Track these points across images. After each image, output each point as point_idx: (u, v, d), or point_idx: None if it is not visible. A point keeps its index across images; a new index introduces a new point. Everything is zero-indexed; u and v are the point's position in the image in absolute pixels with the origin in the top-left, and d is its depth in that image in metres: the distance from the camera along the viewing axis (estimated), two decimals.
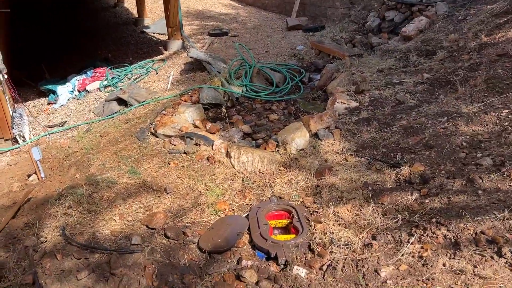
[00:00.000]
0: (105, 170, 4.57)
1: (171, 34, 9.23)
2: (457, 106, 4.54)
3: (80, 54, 9.65)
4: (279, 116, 5.88)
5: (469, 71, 5.12)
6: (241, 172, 4.53)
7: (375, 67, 6.33)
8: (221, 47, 9.24)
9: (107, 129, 5.87)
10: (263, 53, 8.52)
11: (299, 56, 8.03)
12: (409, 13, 8.07)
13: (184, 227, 3.70)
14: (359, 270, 2.78)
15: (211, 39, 9.63)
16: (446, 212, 2.99)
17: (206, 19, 11.93)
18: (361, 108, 5.16)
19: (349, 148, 4.50)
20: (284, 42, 9.18)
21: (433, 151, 3.91)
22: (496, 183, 3.14)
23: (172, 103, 6.30)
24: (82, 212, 3.92)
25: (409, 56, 6.41)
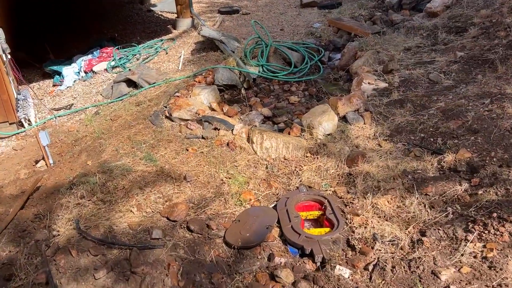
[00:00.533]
0: (118, 157, 4.26)
1: (180, 12, 8.79)
2: (499, 87, 4.18)
3: (86, 34, 9.23)
4: (299, 98, 5.52)
5: (509, 49, 4.74)
6: (264, 159, 4.20)
7: (401, 45, 5.94)
8: (233, 25, 8.81)
9: (118, 112, 5.54)
10: (277, 32, 8.09)
11: (317, 35, 7.61)
12: None
13: (208, 219, 3.40)
14: (413, 272, 2.47)
15: (222, 17, 9.19)
16: (507, 205, 2.67)
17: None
18: (391, 89, 4.80)
19: (382, 132, 4.16)
20: (299, 20, 8.74)
21: (479, 136, 3.57)
22: None
23: (185, 84, 5.95)
24: (96, 203, 3.62)
25: (437, 34, 6.00)
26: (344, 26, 7.32)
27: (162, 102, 5.42)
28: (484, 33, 5.41)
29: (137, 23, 10.04)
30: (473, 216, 2.75)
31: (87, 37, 9.02)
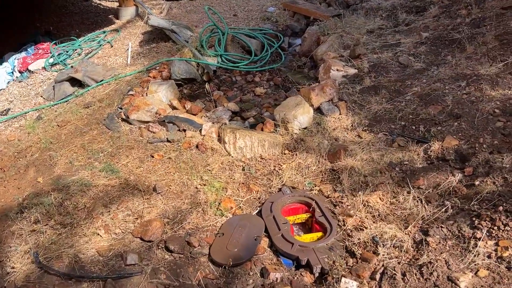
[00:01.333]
0: (74, 170, 3.76)
1: (122, 0, 8.10)
2: (472, 68, 4.10)
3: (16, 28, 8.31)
4: (265, 89, 5.21)
5: (473, 27, 4.69)
6: (239, 160, 3.88)
7: (363, 27, 5.77)
8: (182, 13, 8.28)
9: (65, 116, 4.95)
10: (231, 17, 7.68)
11: (273, 19, 7.30)
12: None
13: (188, 235, 3.05)
14: (427, 280, 2.28)
15: (169, 4, 8.61)
16: (510, 196, 2.55)
17: None
18: (362, 75, 4.60)
19: (360, 122, 3.96)
20: (251, 4, 8.36)
21: (462, 121, 3.45)
22: None
23: (138, 80, 5.44)
24: (55, 227, 3.15)
25: (397, 14, 5.90)
26: (300, 9, 7.05)
27: (115, 103, 4.90)
28: (445, 11, 5.35)
29: (73, 14, 9.20)
30: (476, 211, 2.61)
31: (18, 32, 8.12)
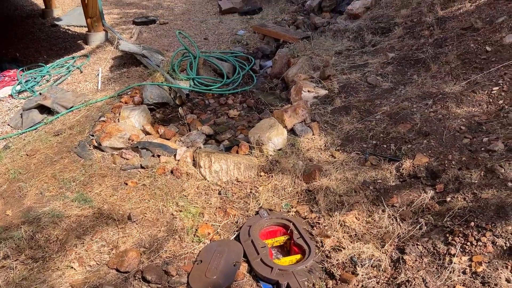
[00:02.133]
0: (45, 201, 3.64)
1: (91, 25, 8.05)
2: (437, 86, 4.26)
3: None
4: (239, 111, 5.24)
5: (436, 47, 4.89)
6: (215, 184, 3.86)
7: (332, 49, 5.92)
8: (152, 37, 8.28)
9: (34, 145, 4.81)
10: (202, 41, 7.74)
11: (243, 42, 7.40)
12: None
13: (165, 264, 2.99)
14: None
15: (139, 28, 8.61)
16: (480, 212, 2.62)
17: (126, 6, 10.75)
18: (332, 95, 4.71)
19: (333, 142, 4.03)
20: (222, 28, 8.46)
21: (431, 139, 3.56)
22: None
23: (109, 106, 5.38)
24: (26, 262, 3.04)
25: (363, 35, 6.09)
26: (270, 32, 7.19)
27: (86, 130, 4.81)
28: (409, 32, 5.57)
29: (41, 40, 9.05)
30: (449, 227, 2.68)
31: None
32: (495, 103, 3.63)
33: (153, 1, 11.17)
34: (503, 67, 3.94)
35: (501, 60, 4.05)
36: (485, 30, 4.62)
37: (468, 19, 4.95)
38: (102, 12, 8.22)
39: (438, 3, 5.74)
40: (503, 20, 4.53)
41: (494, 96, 3.70)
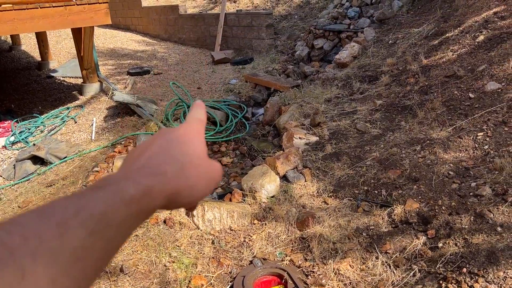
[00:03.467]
0: None
1: (86, 76, 8.25)
2: (424, 132, 4.38)
3: None
4: (232, 158, 5.31)
5: (422, 94, 5.06)
6: (209, 233, 3.84)
7: (321, 97, 6.10)
8: (146, 87, 8.48)
9: (26, 197, 4.81)
10: (195, 90, 7.94)
11: (235, 91, 7.60)
12: (338, 40, 8.12)
13: None
14: None
15: (133, 79, 8.83)
16: (472, 257, 2.64)
17: (121, 57, 11.06)
18: (323, 142, 4.80)
19: (325, 189, 4.07)
20: (214, 77, 8.71)
21: (420, 184, 3.62)
22: (510, 216, 2.89)
23: (103, 156, 5.43)
24: None
25: (351, 83, 6.30)
26: (261, 81, 7.41)
27: (80, 180, 4.83)
28: (395, 80, 5.77)
29: (36, 91, 9.22)
30: (442, 273, 2.68)
31: None
32: (481, 148, 3.73)
33: (148, 52, 11.53)
34: (487, 113, 4.08)
35: (484, 106, 4.20)
36: (467, 77, 4.81)
37: (451, 67, 5.16)
38: (97, 63, 8.46)
39: (422, 52, 6.00)
40: (484, 68, 4.74)
41: (480, 142, 3.80)
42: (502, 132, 3.77)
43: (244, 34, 10.13)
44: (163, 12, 12.83)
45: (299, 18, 10.36)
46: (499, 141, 3.69)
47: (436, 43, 6.05)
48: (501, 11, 5.68)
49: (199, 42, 11.68)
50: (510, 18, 5.38)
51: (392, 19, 7.73)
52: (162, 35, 13.27)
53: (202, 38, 11.52)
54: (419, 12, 7.53)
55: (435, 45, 6.01)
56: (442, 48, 5.80)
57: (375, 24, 7.82)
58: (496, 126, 3.88)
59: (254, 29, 9.81)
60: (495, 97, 4.24)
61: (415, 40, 6.55)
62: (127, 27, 15.39)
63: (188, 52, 11.23)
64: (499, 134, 3.76)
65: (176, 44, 12.51)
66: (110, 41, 13.10)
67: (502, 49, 4.87)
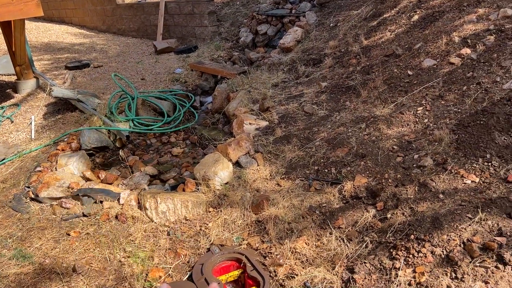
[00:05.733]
0: None
1: (20, 73, 7.74)
2: (368, 110, 4.54)
3: None
4: (182, 148, 5.24)
5: (364, 74, 5.23)
6: (163, 225, 3.78)
7: (268, 82, 6.14)
8: (87, 81, 8.11)
9: None
10: (139, 81, 7.70)
11: (182, 80, 7.46)
12: (281, 25, 8.18)
13: None
14: None
15: (72, 73, 8.41)
16: (418, 225, 2.79)
17: (57, 51, 10.49)
18: (273, 126, 4.85)
19: (278, 171, 4.13)
20: (158, 67, 8.49)
21: (367, 160, 3.76)
22: (450, 183, 3.08)
23: (45, 155, 5.16)
24: None
25: (297, 67, 6.38)
26: (207, 69, 7.33)
27: (21, 182, 4.56)
28: (338, 62, 5.92)
29: None
30: (392, 242, 2.81)
31: None
32: (421, 122, 3.93)
33: (86, 45, 11.02)
34: (425, 89, 4.29)
35: (422, 82, 4.41)
36: (405, 56, 5.03)
37: (390, 47, 5.37)
38: (32, 59, 7.96)
39: (362, 34, 6.18)
40: (420, 46, 4.97)
41: (420, 116, 4.00)
42: (439, 106, 3.98)
43: (186, 22, 9.94)
44: (100, 2, 12.28)
45: (241, 4, 10.31)
46: (437, 114, 3.90)
47: (374, 24, 6.26)
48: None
49: (140, 32, 11.32)
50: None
51: (332, 2, 7.88)
52: (100, 27, 12.72)
53: (143, 28, 11.17)
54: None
55: (374, 26, 6.22)
56: (381, 28, 6.01)
57: (316, 8, 7.94)
58: (433, 100, 4.09)
59: (196, 16, 9.64)
60: (432, 73, 4.46)
61: (355, 22, 6.74)
62: (62, 19, 14.60)
63: (129, 43, 10.86)
64: (437, 107, 3.98)
65: (115, 35, 12.05)
66: (44, 35, 12.37)
67: (435, 27, 5.13)
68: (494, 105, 3.50)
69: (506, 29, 4.28)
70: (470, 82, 3.98)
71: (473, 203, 2.79)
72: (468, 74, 4.08)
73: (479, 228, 2.57)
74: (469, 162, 3.18)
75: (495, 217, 2.59)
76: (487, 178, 2.97)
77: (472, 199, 2.83)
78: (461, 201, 2.85)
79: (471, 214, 2.69)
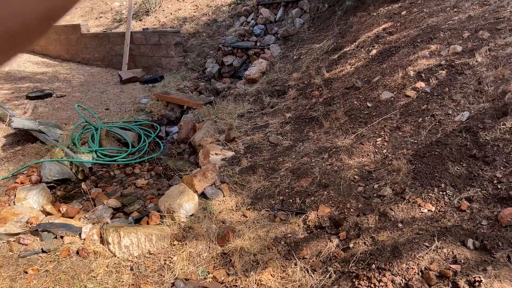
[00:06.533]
0: None
1: None
2: (330, 141, 4.68)
3: None
4: (147, 179, 5.18)
5: (326, 106, 5.41)
6: (126, 260, 3.70)
7: (234, 112, 6.23)
8: (49, 111, 7.94)
9: None
10: (103, 112, 7.61)
11: (147, 110, 7.44)
12: (246, 57, 8.37)
13: None
14: None
15: (33, 103, 8.21)
16: (379, 254, 2.87)
17: (18, 81, 10.24)
18: (239, 156, 4.90)
19: (243, 202, 4.15)
20: (123, 97, 8.44)
21: (330, 190, 3.86)
22: (408, 212, 3.20)
23: (3, 188, 4.97)
24: None
25: (262, 98, 6.52)
26: (173, 99, 7.36)
27: None
28: (302, 93, 6.10)
29: None
30: (354, 272, 2.87)
31: None
32: (380, 152, 4.09)
33: (48, 74, 10.83)
34: (383, 120, 4.48)
35: (380, 114, 4.61)
36: (364, 88, 5.25)
37: (350, 80, 5.60)
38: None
39: (324, 66, 6.42)
40: (378, 79, 5.21)
41: (379, 146, 4.16)
42: (397, 137, 4.17)
43: (152, 52, 9.99)
44: (64, 31, 12.17)
45: (208, 35, 10.50)
46: (395, 145, 4.07)
47: (335, 57, 6.52)
48: (389, 27, 6.30)
49: (105, 61, 11.26)
50: (397, 33, 5.99)
51: (295, 36, 8.17)
52: (64, 56, 12.56)
53: (108, 58, 11.13)
54: (319, 29, 8.05)
55: (335, 59, 6.48)
56: (341, 62, 6.27)
57: (280, 41, 8.20)
58: (391, 131, 4.27)
59: (162, 47, 9.72)
60: (389, 105, 4.68)
61: (317, 55, 7.00)
62: None
63: (94, 72, 10.76)
64: (395, 138, 4.15)
65: (80, 64, 11.91)
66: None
67: (392, 61, 5.40)
68: (447, 137, 3.70)
69: (456, 64, 4.57)
70: (425, 114, 4.20)
71: (430, 231, 2.91)
72: (423, 106, 4.31)
73: (436, 256, 2.67)
74: (425, 191, 3.33)
75: (450, 245, 2.70)
76: (442, 207, 3.11)
77: (429, 228, 2.95)
78: (418, 230, 2.96)
79: (428, 243, 2.80)
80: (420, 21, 5.88)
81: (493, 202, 2.94)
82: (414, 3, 6.52)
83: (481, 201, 3.00)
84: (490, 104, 3.78)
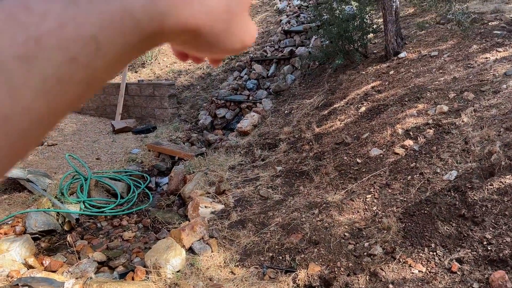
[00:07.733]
0: None
1: None
2: (321, 196, 4.68)
3: None
4: (134, 232, 5.08)
5: (317, 160, 5.46)
6: None
7: (225, 164, 6.25)
8: (39, 159, 7.90)
9: None
10: (94, 161, 7.59)
11: (138, 160, 7.43)
12: (239, 110, 8.53)
13: None
14: None
15: None
16: None
17: None
18: (228, 210, 4.86)
19: (232, 258, 4.06)
20: (115, 147, 8.45)
21: (321, 247, 3.81)
22: (399, 273, 3.15)
23: None
24: None
25: (253, 151, 6.57)
26: (165, 150, 7.39)
27: None
28: (292, 147, 6.17)
29: None
30: None
31: None
32: (370, 209, 4.09)
33: None
34: (373, 177, 4.52)
35: (370, 170, 4.66)
36: (354, 144, 5.34)
37: (340, 135, 5.70)
38: None
39: (314, 122, 6.55)
40: (367, 136, 5.31)
41: (369, 203, 4.17)
42: (386, 194, 4.19)
43: (146, 103, 10.15)
44: None
45: (202, 88, 10.74)
46: (385, 202, 4.08)
47: (326, 113, 6.67)
48: (377, 85, 6.52)
49: (99, 111, 11.39)
50: (385, 91, 6.19)
51: (286, 91, 8.39)
52: None
53: (102, 107, 11.26)
54: (310, 85, 8.30)
55: (325, 115, 6.62)
56: (331, 117, 6.41)
57: (272, 96, 8.41)
58: (381, 188, 4.30)
59: (156, 98, 9.89)
60: (379, 162, 4.74)
61: (308, 110, 7.16)
62: None
63: (87, 121, 10.84)
64: (384, 195, 4.17)
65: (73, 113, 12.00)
66: None
67: (380, 119, 5.54)
68: (436, 195, 3.73)
69: (443, 123, 4.70)
70: (413, 172, 4.25)
71: None
72: (412, 164, 4.37)
73: None
74: (415, 251, 3.30)
75: None
76: (433, 268, 3.08)
77: None
78: None
79: None
80: (408, 80, 6.11)
81: (483, 264, 2.92)
82: (401, 64, 6.79)
83: (471, 263, 2.98)
84: (477, 164, 3.85)
